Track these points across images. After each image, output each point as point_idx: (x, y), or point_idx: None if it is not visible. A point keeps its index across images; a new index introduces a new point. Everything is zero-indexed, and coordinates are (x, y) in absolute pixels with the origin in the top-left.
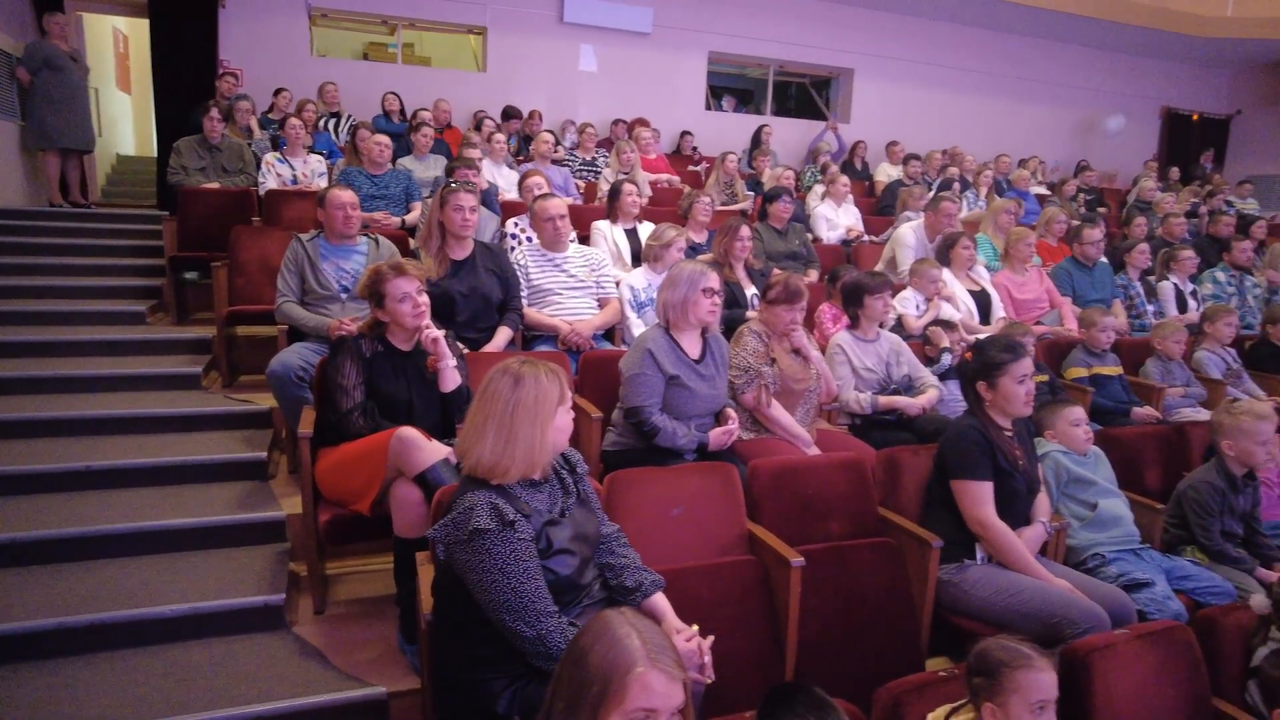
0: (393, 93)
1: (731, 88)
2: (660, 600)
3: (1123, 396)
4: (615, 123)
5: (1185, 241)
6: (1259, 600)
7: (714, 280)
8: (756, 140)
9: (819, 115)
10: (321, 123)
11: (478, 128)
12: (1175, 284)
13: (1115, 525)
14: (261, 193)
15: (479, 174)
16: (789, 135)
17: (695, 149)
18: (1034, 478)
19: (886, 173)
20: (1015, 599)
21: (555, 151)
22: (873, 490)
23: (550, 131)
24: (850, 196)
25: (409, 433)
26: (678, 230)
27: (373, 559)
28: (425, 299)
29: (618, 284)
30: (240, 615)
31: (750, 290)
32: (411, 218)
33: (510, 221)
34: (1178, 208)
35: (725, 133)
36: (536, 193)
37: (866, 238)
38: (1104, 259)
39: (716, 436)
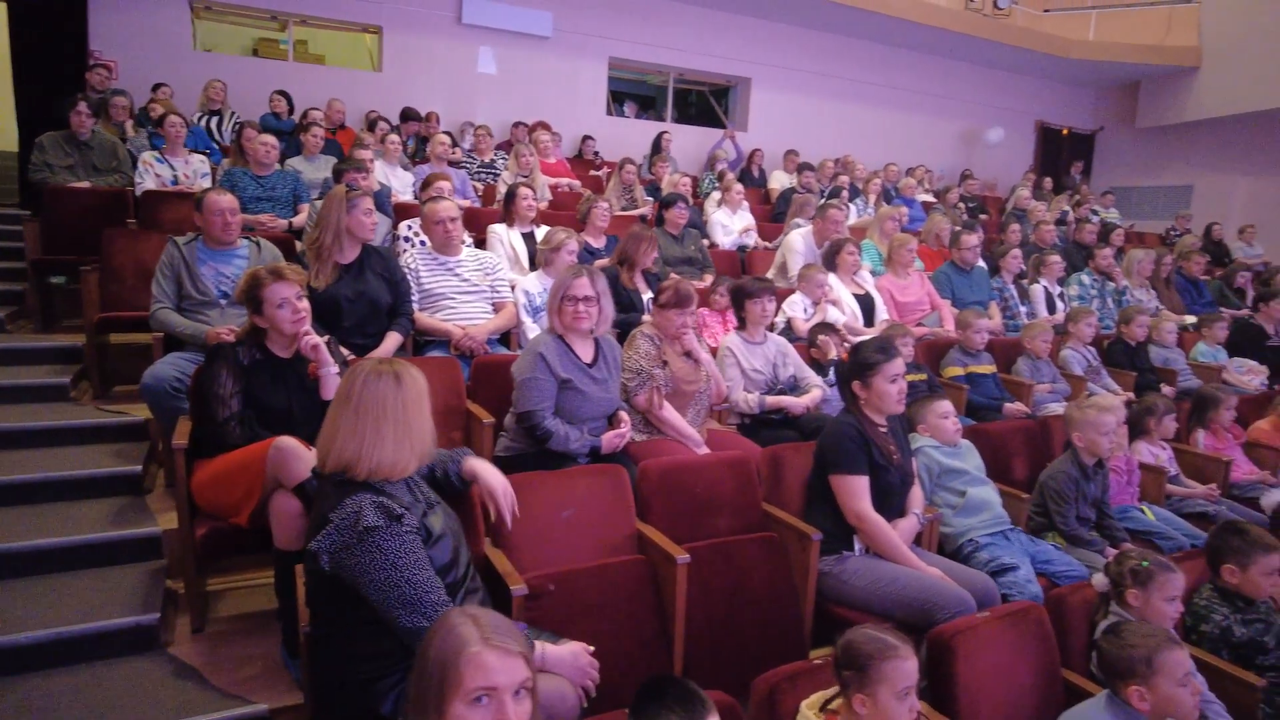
0: (282, 91)
1: (634, 94)
2: (472, 460)
3: (995, 393)
4: (515, 125)
5: (1055, 247)
6: (1099, 579)
7: (578, 288)
8: (657, 146)
9: (719, 123)
10: (201, 120)
11: (371, 128)
12: (1045, 287)
13: (985, 510)
14: (138, 193)
15: (368, 176)
16: (689, 142)
17: (597, 153)
18: (908, 471)
19: (781, 180)
20: (890, 587)
21: (452, 153)
22: (757, 487)
23: (448, 133)
24: (745, 203)
25: (287, 442)
26: (567, 233)
27: (256, 573)
28: (305, 304)
29: (513, 288)
30: (109, 638)
31: (647, 295)
32: (299, 220)
33: (404, 224)
34: (1049, 216)
35: (627, 138)
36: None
37: (761, 243)
38: (982, 263)
39: (609, 439)
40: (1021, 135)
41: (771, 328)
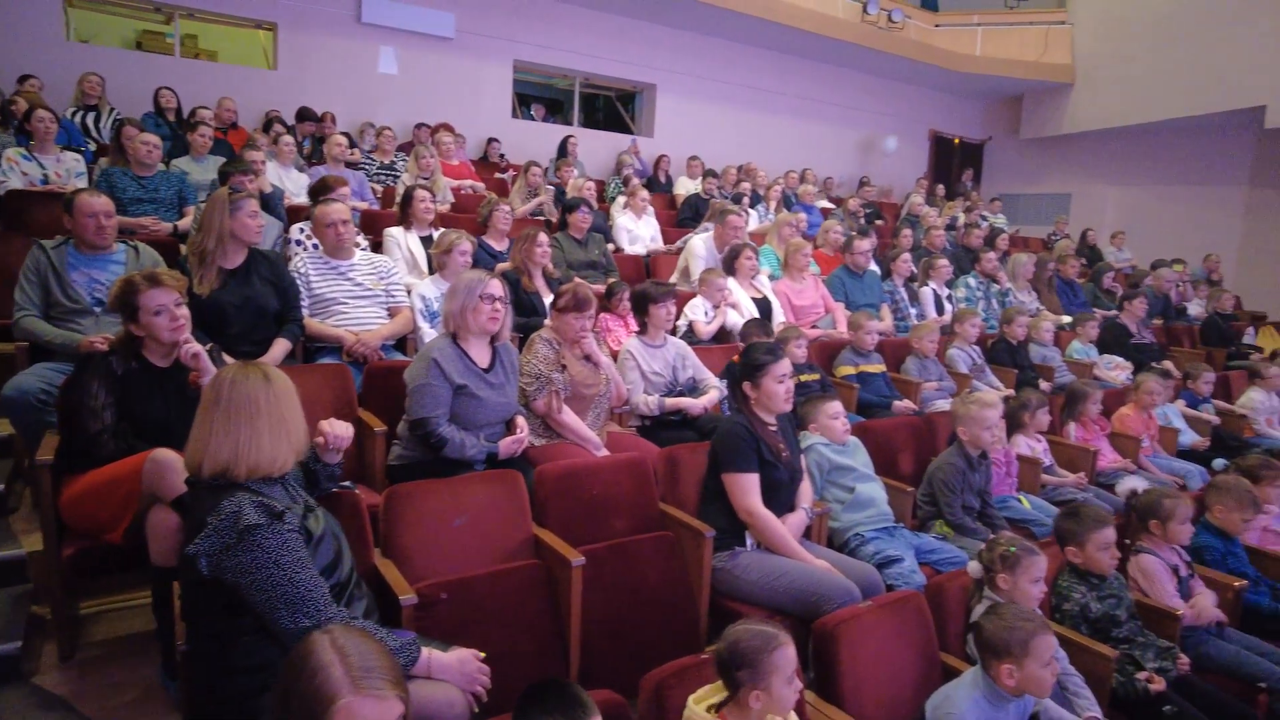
0: (168, 88)
1: (541, 97)
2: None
3: (885, 391)
4: (418, 127)
5: (945, 252)
6: (974, 566)
7: (494, 287)
8: (563, 150)
9: (626, 128)
10: (75, 116)
11: (265, 129)
12: (934, 289)
13: (871, 506)
14: (1, 193)
15: (258, 177)
16: (596, 147)
17: (503, 156)
18: (796, 468)
19: (686, 186)
20: (780, 581)
21: (350, 155)
22: (654, 488)
23: (345, 134)
24: (651, 209)
25: (164, 454)
26: (458, 234)
27: (133, 594)
28: (185, 312)
29: (409, 292)
30: None
31: (549, 299)
32: (185, 223)
33: (295, 227)
34: (939, 221)
35: (534, 141)
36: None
37: (666, 247)
38: (875, 267)
39: (506, 445)
40: (916, 144)
41: (674, 331)
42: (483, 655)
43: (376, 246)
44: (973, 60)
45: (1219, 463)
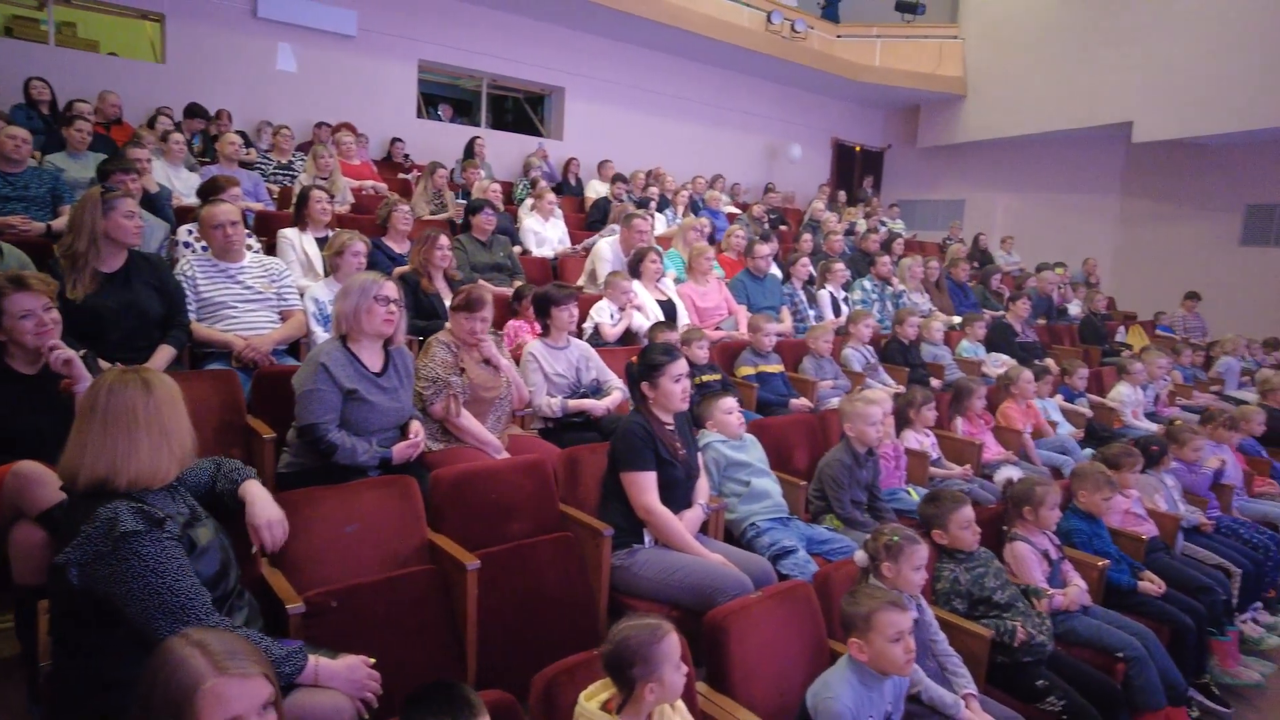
0: (41, 78)
1: (449, 98)
2: (252, 486)
3: (783, 390)
4: (318, 126)
5: (843, 256)
6: (860, 555)
7: (389, 289)
8: (469, 151)
9: (536, 130)
10: None
11: (151, 124)
12: (831, 292)
13: (766, 498)
14: None
15: (141, 176)
16: (505, 148)
17: (407, 156)
18: (693, 465)
19: (596, 189)
20: (676, 576)
21: (245, 154)
22: (554, 489)
23: (240, 132)
24: (559, 211)
25: (28, 467)
26: (350, 234)
27: None
28: (54, 316)
29: (302, 295)
30: None
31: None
32: (60, 223)
33: (183, 229)
34: (838, 227)
35: (441, 142)
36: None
37: (575, 249)
38: (776, 271)
39: (400, 450)
40: (819, 151)
41: (580, 334)
42: (372, 661)
43: (272, 249)
44: (872, 70)
45: (1086, 452)
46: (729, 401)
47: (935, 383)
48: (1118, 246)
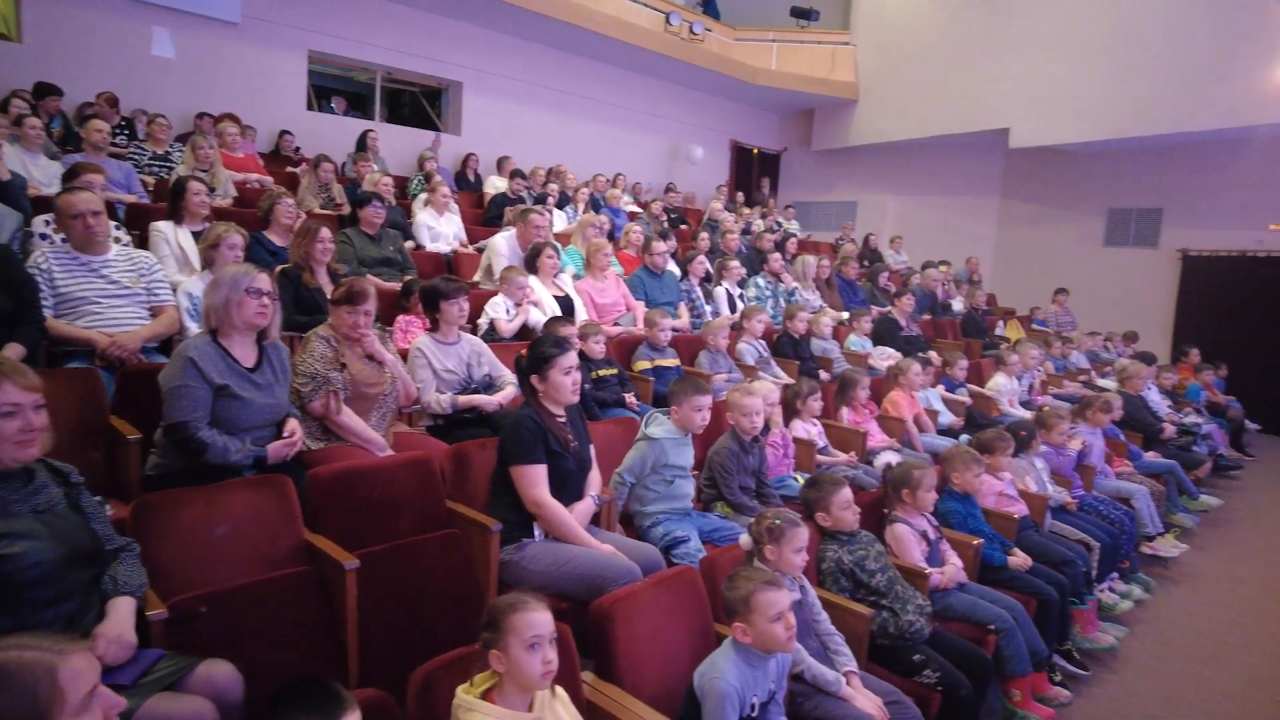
0: None
1: (343, 90)
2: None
3: (688, 376)
4: (199, 116)
5: (739, 254)
6: (745, 540)
7: (261, 281)
8: (361, 144)
9: (433, 125)
10: None
11: (4, 108)
12: (727, 289)
13: (681, 499)
14: None
15: None
16: (400, 143)
17: (298, 150)
18: (585, 458)
19: (495, 185)
20: (566, 568)
21: (113, 143)
22: (440, 486)
23: (125, 118)
24: (454, 205)
25: None
26: (226, 226)
27: None
28: None
29: (175, 290)
30: None
31: None
32: None
33: (40, 219)
34: (735, 226)
35: (333, 135)
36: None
37: (470, 246)
38: (674, 268)
39: (275, 449)
40: (718, 153)
41: (475, 330)
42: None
43: (145, 242)
44: (769, 74)
45: (964, 438)
46: (703, 400)
47: (824, 375)
48: (998, 246)
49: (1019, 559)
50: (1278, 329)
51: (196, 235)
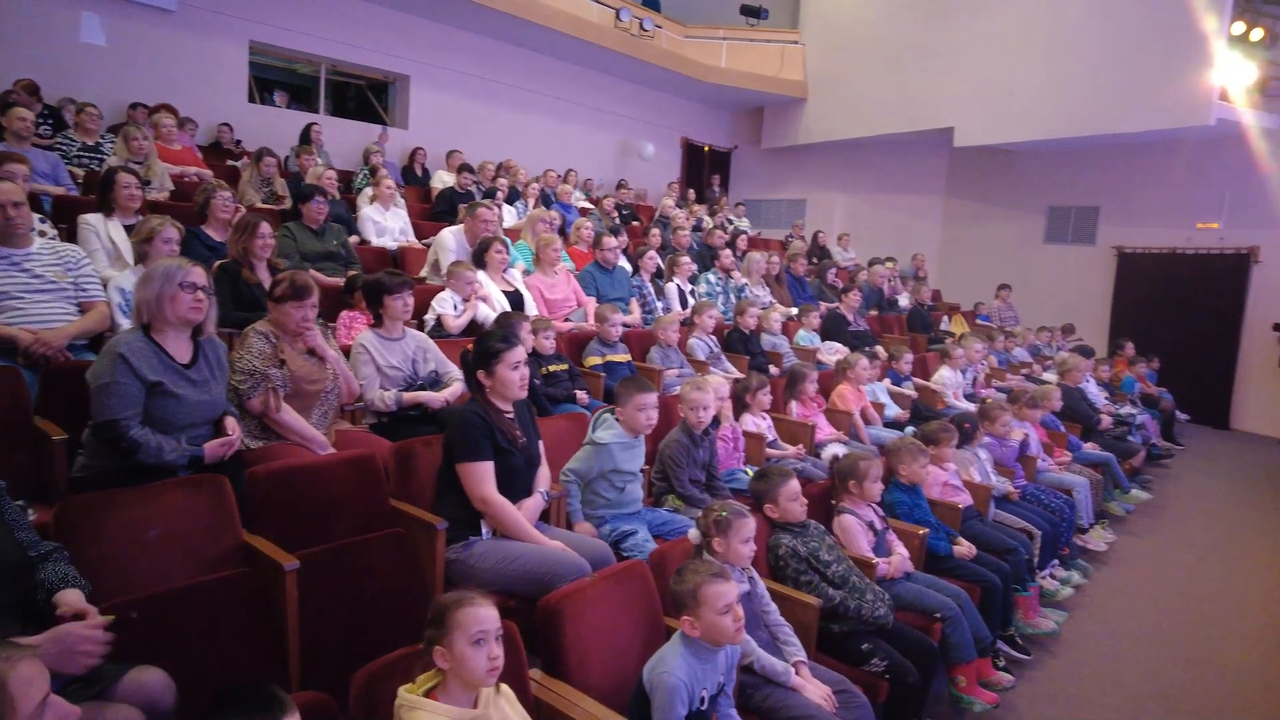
0: None
1: (287, 83)
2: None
3: (634, 376)
4: (133, 107)
5: (690, 251)
6: (693, 533)
7: (196, 275)
8: (305, 138)
9: (379, 119)
10: None
11: None
12: (678, 285)
13: (631, 504)
14: None
15: None
16: (346, 137)
17: (239, 142)
18: (534, 454)
19: (443, 180)
20: (513, 565)
21: (38, 133)
22: (383, 484)
23: (49, 107)
24: (400, 200)
25: None
26: (161, 219)
27: None
28: None
29: (106, 285)
30: None
31: None
32: None
33: None
34: (686, 223)
35: (275, 129)
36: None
37: (417, 241)
38: (625, 264)
39: (213, 448)
40: (670, 150)
41: (421, 325)
42: (106, 619)
43: (73, 235)
44: (719, 72)
45: (909, 430)
46: (647, 398)
47: (774, 369)
48: (943, 243)
49: (963, 548)
50: (1205, 323)
51: (129, 229)
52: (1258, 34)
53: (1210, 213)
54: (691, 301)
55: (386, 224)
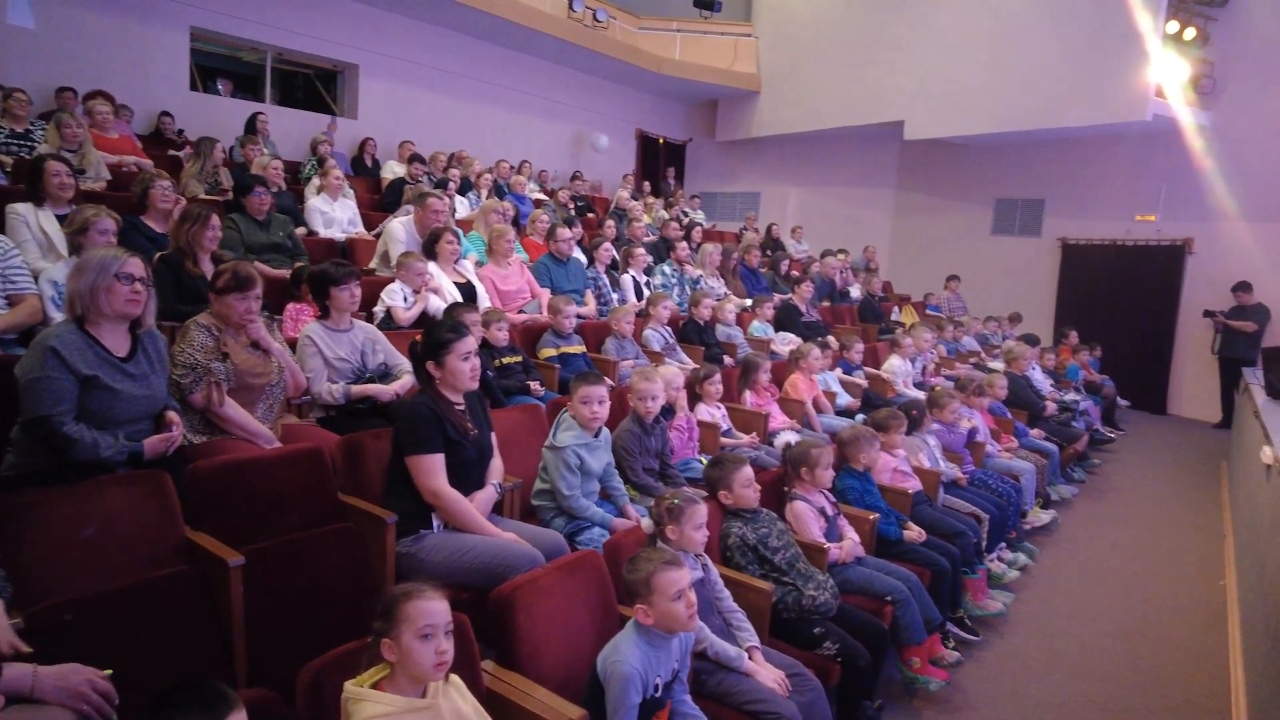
0: None
1: (231, 71)
2: None
3: (585, 370)
4: (59, 91)
5: (645, 243)
6: (647, 522)
7: (133, 265)
8: (250, 127)
9: (328, 109)
10: None
11: None
12: (634, 276)
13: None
14: None
15: None
16: (294, 127)
17: (181, 132)
18: (486, 445)
19: (394, 170)
20: (465, 557)
21: None
22: (332, 478)
23: None
24: (349, 190)
25: None
26: (95, 209)
27: None
28: None
29: (36, 278)
30: None
31: None
32: None
33: None
34: (643, 216)
35: (219, 118)
36: None
37: (367, 233)
38: (580, 255)
39: (153, 443)
40: (624, 142)
41: (371, 318)
42: (106, 673)
43: (2, 226)
44: (673, 64)
45: (860, 418)
46: (595, 391)
47: (728, 360)
48: (894, 235)
49: (913, 532)
50: (1144, 313)
51: (62, 219)
52: (1190, 33)
53: (1148, 205)
54: (647, 293)
55: (334, 215)
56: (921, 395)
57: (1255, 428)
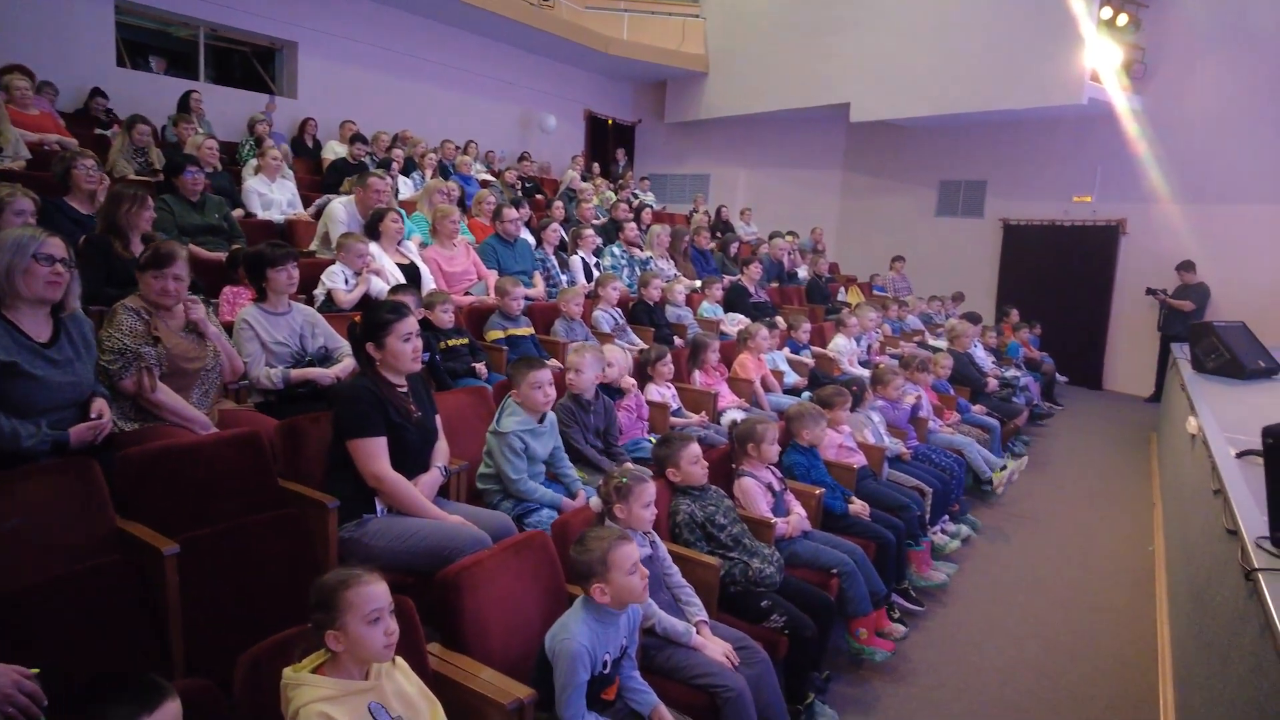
0: None
1: (163, 47)
2: None
3: (534, 353)
4: None
5: (594, 224)
6: (595, 501)
7: (52, 246)
8: (184, 106)
9: (266, 87)
10: None
11: None
12: (583, 258)
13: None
14: None
15: None
16: (231, 106)
17: (110, 110)
18: (430, 428)
19: (334, 151)
20: (410, 541)
21: None
22: (271, 464)
23: None
24: (288, 171)
25: None
26: (10, 189)
27: None
28: None
29: None
30: None
31: None
32: None
33: None
34: (594, 197)
35: (151, 96)
36: None
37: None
38: (528, 237)
39: (79, 432)
40: (573, 123)
41: (311, 301)
42: (32, 671)
43: None
44: (621, 44)
45: (806, 396)
46: (540, 375)
47: (679, 341)
48: (840, 216)
49: (858, 506)
50: (1081, 291)
51: None
52: (1123, 19)
53: (1085, 187)
54: (596, 274)
55: (273, 196)
56: (866, 373)
57: (1182, 400)
